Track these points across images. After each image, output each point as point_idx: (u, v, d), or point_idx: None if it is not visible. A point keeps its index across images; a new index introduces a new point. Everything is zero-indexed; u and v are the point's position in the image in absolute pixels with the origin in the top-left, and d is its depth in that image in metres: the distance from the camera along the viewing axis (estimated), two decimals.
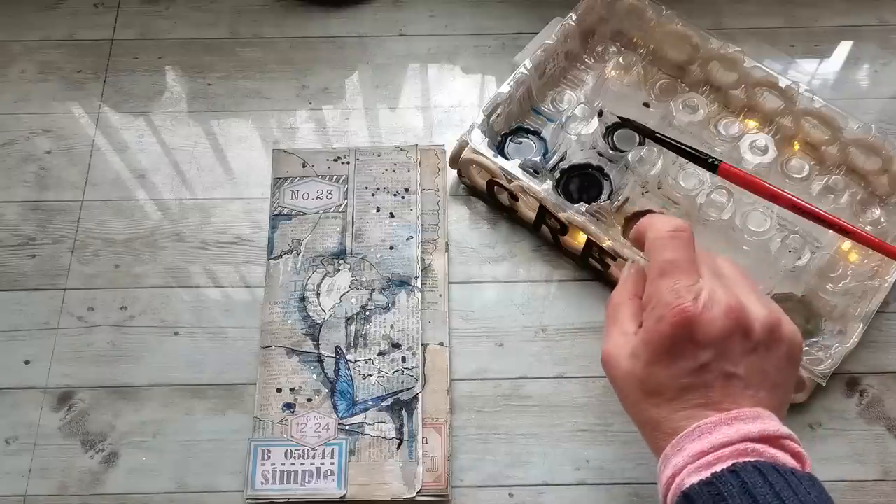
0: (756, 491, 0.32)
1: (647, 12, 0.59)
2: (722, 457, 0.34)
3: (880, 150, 0.54)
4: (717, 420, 0.35)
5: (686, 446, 0.35)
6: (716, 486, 0.33)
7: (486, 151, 0.54)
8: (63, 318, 0.56)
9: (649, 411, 0.38)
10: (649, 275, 0.39)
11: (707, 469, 0.34)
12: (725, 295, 0.37)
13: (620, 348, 0.39)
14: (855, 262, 0.54)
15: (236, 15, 0.67)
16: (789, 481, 0.33)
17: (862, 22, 0.66)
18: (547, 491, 0.51)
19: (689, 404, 0.37)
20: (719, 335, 0.37)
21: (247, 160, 0.61)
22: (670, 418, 0.37)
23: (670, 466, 0.36)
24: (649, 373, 0.38)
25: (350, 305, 0.55)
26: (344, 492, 0.50)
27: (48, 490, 0.51)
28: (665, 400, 0.37)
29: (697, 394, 0.37)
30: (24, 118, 0.63)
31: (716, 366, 0.37)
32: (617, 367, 0.39)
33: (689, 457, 0.35)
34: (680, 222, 0.40)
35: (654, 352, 0.37)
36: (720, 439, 0.35)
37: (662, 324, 0.37)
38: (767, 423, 0.35)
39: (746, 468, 0.33)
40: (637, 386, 0.38)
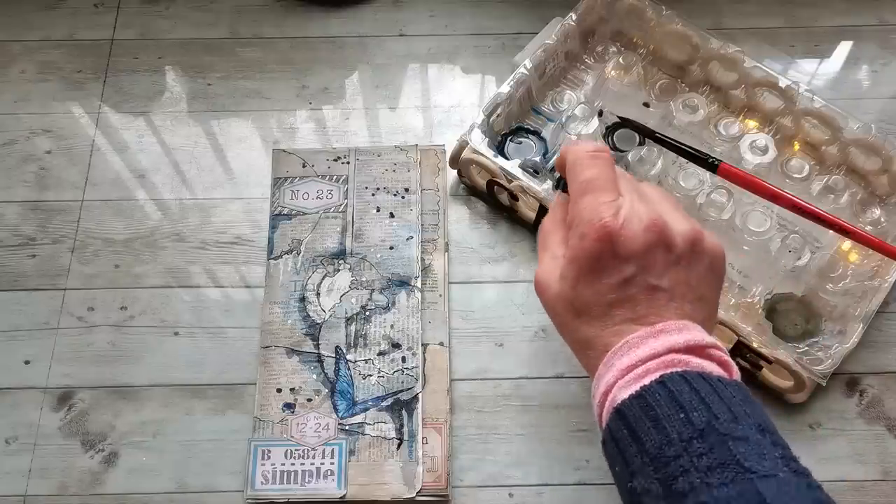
0: (682, 398, 0.33)
1: (647, 12, 0.59)
2: (650, 369, 0.35)
3: (880, 150, 0.54)
4: (643, 334, 0.36)
5: (615, 362, 0.36)
6: (644, 398, 0.34)
7: (486, 151, 0.54)
8: (63, 318, 0.56)
9: (580, 331, 0.38)
10: (571, 197, 0.40)
11: (636, 382, 0.34)
12: (646, 210, 0.38)
13: (550, 272, 0.40)
14: (855, 262, 0.54)
15: (236, 15, 0.67)
16: (715, 387, 0.33)
17: (862, 22, 0.66)
18: (547, 491, 0.51)
19: (616, 320, 0.37)
20: (641, 248, 0.37)
21: (247, 160, 0.61)
22: (600, 335, 0.37)
23: (602, 385, 0.36)
24: (577, 291, 0.38)
25: (350, 305, 0.55)
26: (344, 492, 0.50)
27: (48, 490, 0.51)
28: (594, 317, 0.38)
29: (624, 308, 0.37)
30: (24, 118, 0.63)
31: (639, 279, 0.37)
32: (547, 291, 0.40)
33: (618, 371, 0.35)
34: (599, 144, 0.41)
35: (580, 269, 0.38)
36: (647, 352, 0.35)
37: (585, 241, 0.37)
38: (693, 334, 0.36)
39: (673, 378, 0.34)
40: (567, 307, 0.39)
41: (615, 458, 0.35)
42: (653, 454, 0.32)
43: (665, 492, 0.31)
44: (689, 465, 0.31)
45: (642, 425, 0.33)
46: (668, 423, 0.32)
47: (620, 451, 0.34)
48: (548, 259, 0.40)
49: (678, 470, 0.31)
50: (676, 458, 0.32)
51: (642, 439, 0.33)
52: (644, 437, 0.33)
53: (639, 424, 0.33)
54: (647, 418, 0.33)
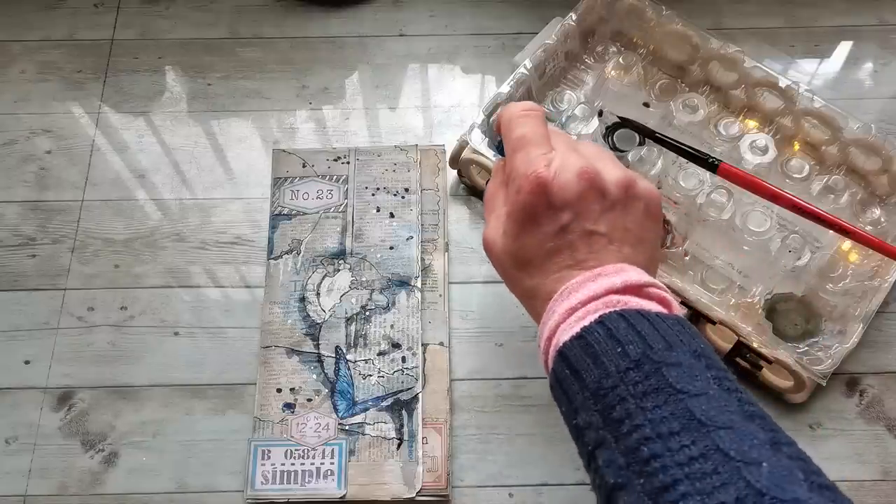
0: (619, 334, 0.34)
1: (647, 12, 0.59)
2: (589, 311, 0.36)
3: (880, 150, 0.54)
4: (582, 278, 0.37)
5: (557, 307, 0.37)
6: (584, 338, 0.35)
7: (486, 151, 0.54)
8: (63, 318, 0.56)
9: (525, 282, 0.39)
10: (507, 154, 0.41)
11: (577, 324, 0.35)
12: (577, 160, 0.39)
13: (495, 230, 0.41)
14: (855, 262, 0.54)
15: (236, 15, 0.67)
16: (651, 321, 0.34)
17: (862, 22, 0.66)
18: (547, 491, 0.51)
19: (557, 266, 0.38)
20: (574, 196, 0.38)
21: (247, 160, 0.61)
22: (543, 283, 0.38)
23: (546, 330, 0.37)
24: (518, 244, 0.39)
25: (350, 305, 0.55)
26: (344, 492, 0.50)
27: (48, 490, 0.51)
28: (536, 268, 0.39)
29: (564, 255, 0.38)
30: (24, 118, 0.63)
31: (576, 225, 0.38)
32: (493, 248, 0.41)
33: (560, 316, 0.36)
34: (531, 104, 0.42)
35: (518, 222, 0.39)
36: (586, 295, 0.36)
37: (521, 193, 0.38)
38: (630, 275, 0.37)
39: (611, 317, 0.35)
40: (511, 261, 0.40)
41: (561, 399, 0.36)
42: (592, 389, 0.34)
43: (604, 421, 0.33)
44: (625, 394, 0.32)
45: (583, 363, 0.34)
46: (606, 358, 0.34)
47: (564, 391, 0.35)
48: (493, 219, 0.42)
49: (615, 399, 0.32)
50: (613, 389, 0.33)
51: (583, 376, 0.34)
52: (584, 374, 0.34)
53: (580, 363, 0.34)
54: (586, 356, 0.34)
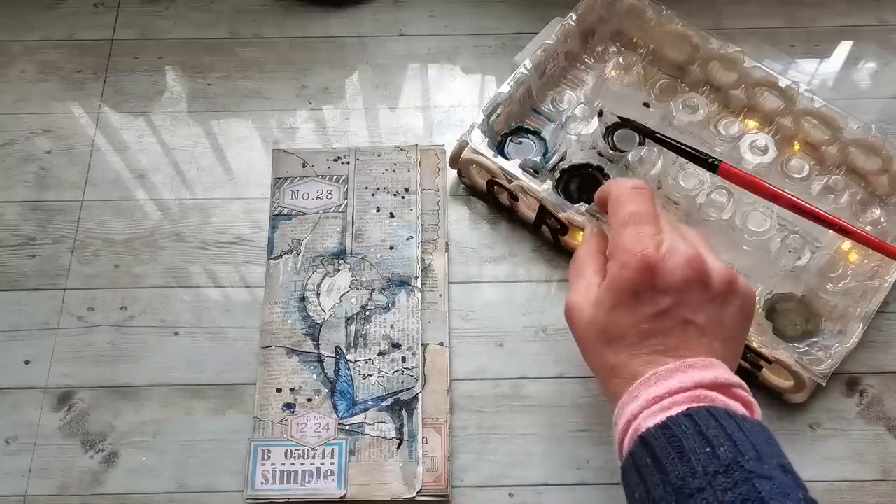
0: (709, 432, 0.33)
1: (647, 12, 0.59)
2: (677, 402, 0.35)
3: (880, 150, 0.54)
4: (672, 367, 0.37)
5: (642, 393, 0.37)
6: (671, 429, 0.34)
7: (486, 151, 0.54)
8: (63, 318, 0.56)
9: (609, 358, 0.39)
10: (613, 228, 0.41)
11: (662, 413, 0.35)
12: (686, 246, 0.39)
13: (584, 298, 0.41)
14: (855, 262, 0.54)
15: (236, 15, 0.67)
16: (740, 425, 0.34)
17: (862, 22, 0.66)
18: (547, 491, 0.51)
19: (647, 350, 0.38)
20: (679, 283, 0.38)
21: (247, 160, 0.61)
22: (629, 364, 0.38)
23: (626, 413, 0.37)
24: (612, 319, 0.39)
25: (350, 305, 0.55)
26: (344, 492, 0.50)
27: (48, 490, 0.51)
28: (625, 346, 0.38)
29: (656, 340, 0.38)
30: (24, 118, 0.63)
31: (675, 312, 0.38)
32: (580, 316, 0.41)
33: (645, 401, 0.36)
34: (640, 181, 0.42)
35: (618, 297, 0.39)
36: (675, 385, 0.36)
37: (626, 270, 0.38)
38: (720, 372, 0.37)
39: (700, 412, 0.34)
40: (599, 333, 0.40)
41: (636, 485, 0.35)
42: (676, 485, 0.33)
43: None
44: (712, 499, 0.32)
45: (667, 455, 0.34)
46: (694, 456, 0.33)
47: (642, 479, 0.35)
48: (582, 286, 0.41)
49: (701, 502, 0.32)
50: (700, 491, 0.32)
51: (666, 469, 0.34)
52: (668, 467, 0.33)
53: (663, 454, 0.34)
54: (672, 449, 0.34)
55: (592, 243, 0.44)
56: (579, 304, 0.41)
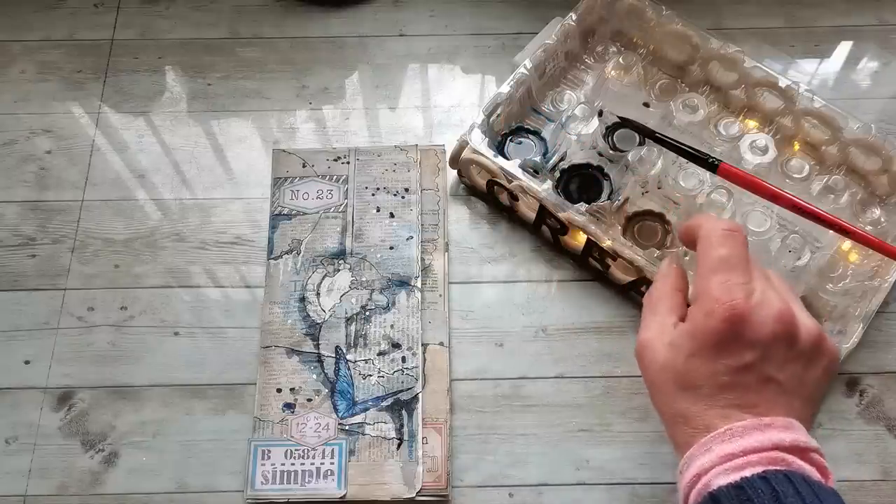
0: (786, 499, 0.32)
1: (647, 12, 0.59)
2: (752, 462, 0.34)
3: (880, 150, 0.54)
4: (749, 424, 0.35)
5: (715, 447, 0.35)
6: (745, 491, 0.33)
7: (486, 151, 0.54)
8: (63, 318, 0.56)
9: (681, 405, 0.37)
10: (700, 269, 0.39)
11: (736, 472, 0.34)
12: (777, 299, 0.37)
13: (658, 338, 0.39)
14: (855, 262, 0.54)
15: (236, 15, 0.67)
16: (817, 493, 0.33)
17: (862, 22, 0.66)
18: (547, 491, 0.51)
19: (724, 402, 0.36)
20: (767, 338, 0.36)
21: (247, 160, 0.61)
22: (703, 414, 0.37)
23: (695, 466, 0.35)
24: (689, 366, 0.37)
25: (350, 305, 0.55)
26: (344, 492, 0.50)
27: (48, 490, 0.51)
28: (701, 395, 0.37)
29: (734, 394, 0.36)
30: (24, 118, 0.63)
31: (758, 368, 0.36)
32: (653, 357, 0.39)
33: (717, 457, 0.35)
34: (735, 223, 0.40)
35: (699, 345, 0.37)
36: (751, 444, 0.34)
37: (712, 319, 0.36)
38: (798, 434, 0.35)
39: (777, 476, 0.33)
40: (673, 377, 0.38)
41: None
42: None
43: None
44: None
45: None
46: None
47: None
48: (656, 324, 0.40)
49: None
50: None
51: None
52: None
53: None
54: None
55: (670, 280, 0.41)
56: (653, 345, 0.39)
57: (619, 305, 0.56)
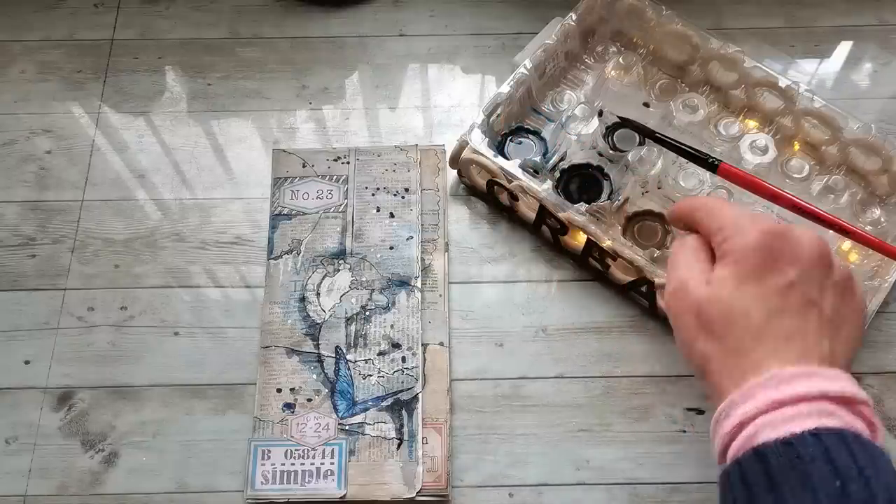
0: (840, 463, 0.30)
1: (647, 12, 0.59)
2: (801, 413, 0.32)
3: (880, 150, 0.54)
4: (795, 372, 0.33)
5: (759, 394, 0.33)
6: (795, 449, 0.31)
7: (486, 151, 0.54)
8: (63, 318, 0.56)
9: (729, 341, 0.36)
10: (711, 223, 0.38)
11: (784, 425, 0.32)
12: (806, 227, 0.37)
13: (697, 278, 0.38)
14: (855, 262, 0.54)
15: (236, 15, 0.67)
16: (873, 456, 0.31)
17: (862, 22, 0.66)
18: (547, 491, 0.51)
19: (773, 332, 0.35)
20: (806, 255, 0.36)
21: (247, 160, 0.61)
22: (753, 350, 0.35)
23: (737, 413, 0.33)
24: (736, 294, 0.36)
25: (350, 305, 0.55)
26: (344, 492, 0.50)
27: (48, 490, 0.51)
28: (750, 327, 0.35)
29: (782, 322, 0.35)
30: (24, 118, 0.63)
31: (801, 288, 0.35)
32: (696, 294, 0.37)
33: (763, 404, 0.33)
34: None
35: (744, 270, 0.36)
36: (798, 391, 0.32)
37: (750, 237, 0.36)
38: (846, 384, 0.33)
39: (830, 435, 0.31)
40: (718, 311, 0.36)
41: (739, 498, 0.32)
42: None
43: None
44: None
45: (787, 478, 0.31)
46: (821, 487, 0.30)
47: (750, 495, 0.32)
48: (688, 268, 0.38)
49: None
50: None
51: (784, 496, 0.31)
52: (787, 494, 0.30)
53: (782, 475, 0.31)
54: (793, 472, 0.31)
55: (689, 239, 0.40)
56: (691, 284, 0.37)
57: (619, 305, 0.56)
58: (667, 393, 0.53)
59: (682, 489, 0.50)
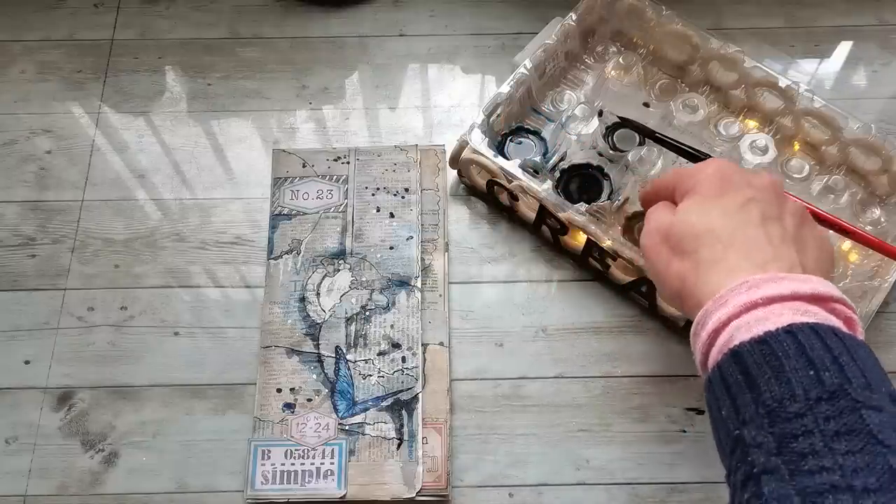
0: (812, 353, 0.30)
1: (647, 12, 0.59)
2: (774, 313, 0.32)
3: (880, 150, 0.54)
4: (765, 277, 0.34)
5: (732, 299, 0.34)
6: (768, 345, 0.31)
7: (486, 151, 0.54)
8: (63, 318, 0.56)
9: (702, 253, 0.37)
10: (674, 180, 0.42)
11: (758, 326, 0.32)
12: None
13: (664, 211, 0.41)
14: (855, 262, 0.54)
15: (236, 15, 0.67)
16: (848, 346, 0.31)
17: (862, 22, 0.66)
18: (547, 491, 0.51)
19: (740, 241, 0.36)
20: (760, 182, 0.39)
21: (247, 160, 0.61)
22: (721, 260, 0.36)
23: (713, 320, 0.34)
24: (701, 213, 0.38)
25: (350, 305, 0.55)
26: (344, 492, 0.50)
27: (48, 490, 0.51)
28: (720, 238, 0.37)
29: (747, 234, 0.36)
30: (24, 118, 0.63)
31: (759, 206, 0.37)
32: (662, 221, 0.40)
33: (735, 308, 0.33)
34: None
35: (705, 195, 0.38)
36: (769, 293, 0.33)
37: (708, 169, 0.39)
38: (818, 285, 0.34)
39: (803, 329, 0.31)
40: (687, 229, 0.38)
41: (721, 400, 0.33)
42: (771, 407, 0.30)
43: (779, 448, 0.29)
44: (812, 426, 0.29)
45: (762, 373, 0.31)
46: (794, 378, 0.30)
47: (731, 396, 0.32)
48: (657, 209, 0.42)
49: (799, 429, 0.29)
50: (799, 417, 0.29)
51: (761, 388, 0.31)
52: (763, 387, 0.31)
53: (758, 371, 0.31)
54: (768, 367, 0.31)
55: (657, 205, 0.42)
56: (660, 219, 0.40)
57: (619, 305, 0.56)
58: (667, 393, 0.53)
59: (682, 489, 0.50)
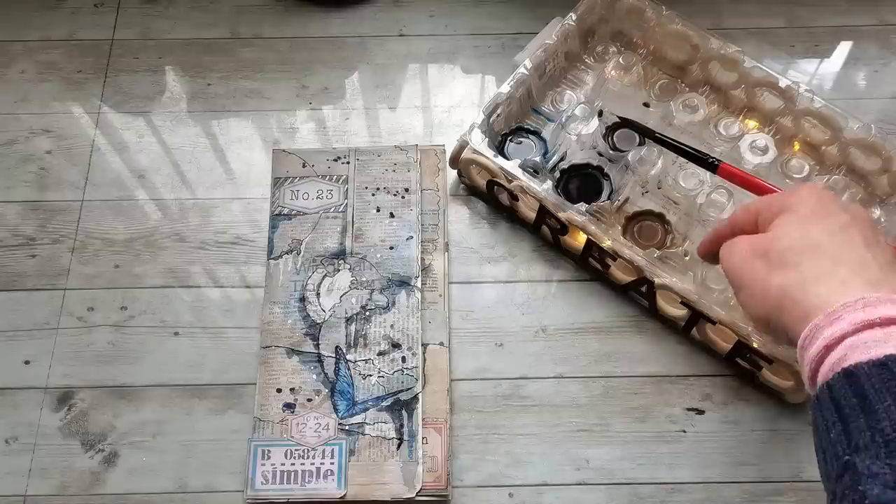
0: None
1: (647, 12, 0.59)
2: (894, 336, 0.31)
3: (880, 150, 0.54)
4: (882, 297, 0.33)
5: (846, 315, 0.32)
6: (890, 370, 0.30)
7: (486, 151, 0.54)
8: (63, 318, 0.56)
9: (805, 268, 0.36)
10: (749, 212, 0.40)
11: (877, 347, 0.31)
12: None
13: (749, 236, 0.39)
14: None
15: (236, 15, 0.67)
16: None
17: (862, 22, 0.66)
18: (547, 491, 0.51)
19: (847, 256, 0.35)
20: (855, 210, 0.38)
21: (247, 160, 0.61)
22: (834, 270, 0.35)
23: (825, 336, 0.33)
24: (803, 228, 0.37)
25: (350, 305, 0.55)
26: (344, 492, 0.50)
27: (48, 490, 0.51)
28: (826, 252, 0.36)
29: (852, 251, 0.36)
30: (24, 118, 0.63)
31: (859, 227, 0.36)
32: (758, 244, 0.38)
33: (850, 325, 0.32)
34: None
35: (804, 213, 0.37)
36: (889, 314, 0.32)
37: (801, 192, 0.38)
38: None
39: None
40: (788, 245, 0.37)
41: (831, 422, 0.31)
42: (891, 437, 0.29)
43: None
44: None
45: (881, 399, 0.30)
46: None
47: (842, 419, 0.31)
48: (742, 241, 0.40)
49: None
50: None
51: (879, 415, 0.29)
52: (882, 414, 0.29)
53: (877, 396, 0.30)
54: (888, 393, 0.30)
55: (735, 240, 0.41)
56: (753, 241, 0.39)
57: (619, 305, 0.56)
58: (667, 393, 0.53)
59: (682, 489, 0.50)
